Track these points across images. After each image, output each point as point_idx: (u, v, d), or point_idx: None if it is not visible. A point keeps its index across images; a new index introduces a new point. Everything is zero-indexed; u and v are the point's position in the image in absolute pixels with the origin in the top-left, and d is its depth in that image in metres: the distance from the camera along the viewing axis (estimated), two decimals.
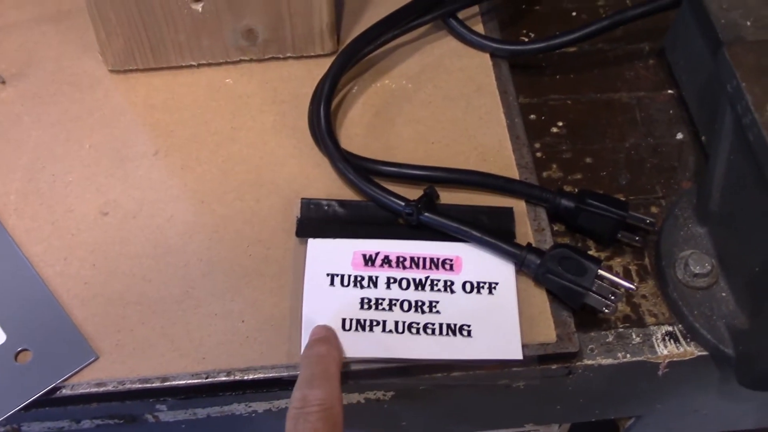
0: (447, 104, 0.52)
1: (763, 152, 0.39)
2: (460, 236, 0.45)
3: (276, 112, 0.51)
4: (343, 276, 0.44)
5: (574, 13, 0.60)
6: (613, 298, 0.42)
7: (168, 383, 0.41)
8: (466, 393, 0.46)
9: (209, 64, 0.53)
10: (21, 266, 0.44)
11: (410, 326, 0.43)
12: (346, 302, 0.43)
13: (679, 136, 0.53)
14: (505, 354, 0.42)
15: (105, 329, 0.43)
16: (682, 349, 0.44)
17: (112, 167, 0.49)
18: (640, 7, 0.54)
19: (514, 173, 0.49)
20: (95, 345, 0.42)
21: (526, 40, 0.58)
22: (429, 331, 0.43)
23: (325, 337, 0.42)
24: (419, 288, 0.44)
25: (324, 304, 0.43)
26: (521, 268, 0.44)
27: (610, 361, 0.44)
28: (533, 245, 0.45)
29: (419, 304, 0.43)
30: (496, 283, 0.44)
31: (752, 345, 0.42)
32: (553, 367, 0.44)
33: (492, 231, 0.45)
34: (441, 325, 0.43)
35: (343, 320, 0.43)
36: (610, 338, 0.45)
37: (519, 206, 0.47)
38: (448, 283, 0.44)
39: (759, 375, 0.41)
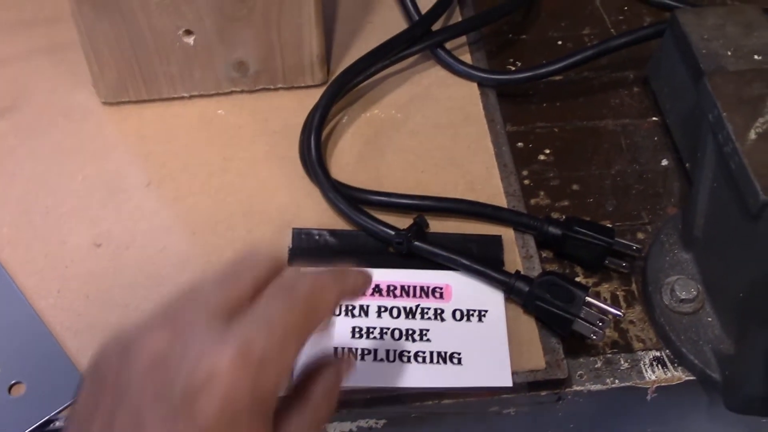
0: (435, 133, 0.53)
1: (744, 181, 0.40)
2: (450, 264, 0.45)
3: (267, 143, 0.52)
4: None
5: (560, 42, 0.61)
6: (600, 324, 0.43)
7: None
8: (458, 420, 0.46)
9: (201, 96, 0.54)
10: (15, 298, 0.45)
11: (401, 354, 0.43)
12: (337, 331, 0.44)
13: (664, 162, 0.54)
14: (495, 381, 0.42)
15: None
16: (669, 374, 0.45)
17: (105, 199, 0.49)
18: (625, 36, 0.55)
19: (502, 201, 0.49)
20: None
21: (513, 69, 0.59)
22: (420, 359, 0.43)
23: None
24: (410, 316, 0.45)
25: (316, 334, 0.44)
26: (510, 295, 0.45)
27: (599, 386, 0.44)
28: (521, 272, 0.45)
29: (410, 332, 0.44)
30: (486, 311, 0.45)
31: (738, 370, 0.42)
32: (543, 393, 0.44)
33: (481, 259, 0.45)
34: (431, 353, 0.43)
35: (335, 349, 0.43)
36: (599, 364, 0.45)
37: (507, 234, 0.48)
38: (438, 311, 0.45)
39: (746, 400, 0.42)
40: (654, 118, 0.56)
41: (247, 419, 0.28)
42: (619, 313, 0.43)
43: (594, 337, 0.43)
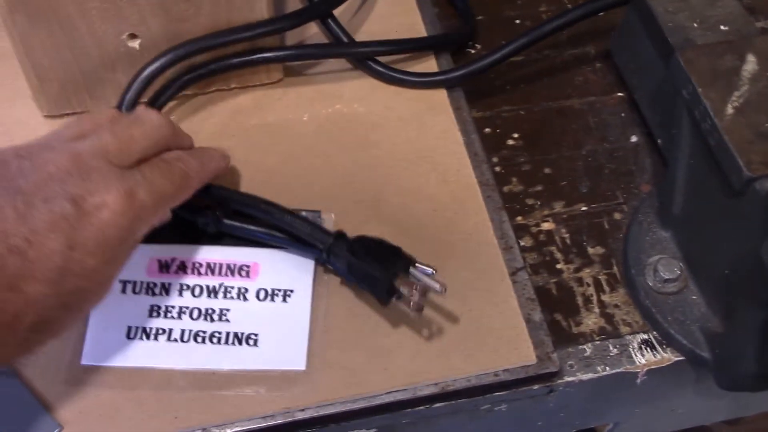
0: (401, 125, 0.51)
1: (726, 157, 0.39)
2: (262, 238, 0.44)
3: (226, 146, 0.49)
4: (135, 283, 0.43)
5: (517, 21, 0.59)
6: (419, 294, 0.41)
7: None
8: (449, 420, 0.45)
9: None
10: None
11: (196, 335, 0.42)
12: (135, 310, 0.42)
13: (634, 138, 0.53)
14: (288, 364, 0.41)
15: (66, 397, 0.40)
16: (659, 357, 0.44)
17: None
18: (589, 4, 0.53)
19: (476, 192, 0.48)
20: (58, 415, 0.40)
21: (473, 51, 0.57)
22: (215, 340, 0.42)
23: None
24: (212, 295, 0.43)
25: (113, 312, 0.42)
26: (328, 258, 0.42)
27: (590, 375, 0.44)
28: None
29: (209, 311, 0.42)
30: (292, 291, 0.43)
31: (729, 348, 0.42)
32: (535, 387, 0.43)
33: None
34: (228, 333, 0.42)
35: (129, 328, 0.42)
36: (588, 352, 0.44)
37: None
38: (242, 290, 0.43)
39: (738, 378, 0.42)
40: (619, 94, 0.55)
41: (112, 247, 0.36)
42: (438, 285, 0.40)
43: (413, 308, 0.41)
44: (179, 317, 0.42)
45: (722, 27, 0.47)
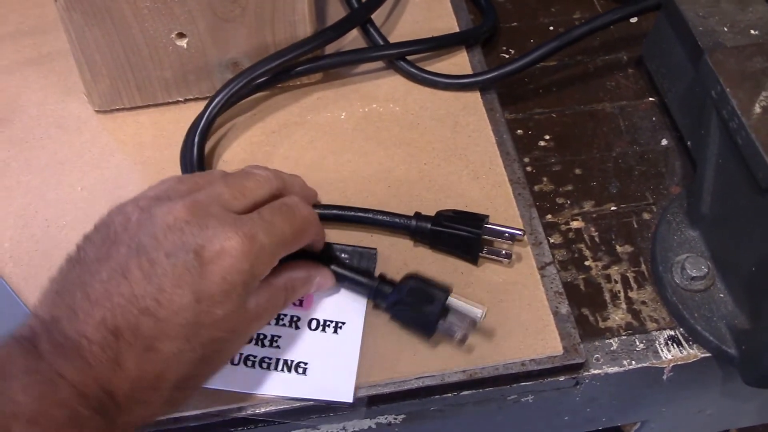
0: (435, 124, 0.52)
1: (753, 154, 0.40)
2: None
3: (266, 143, 0.52)
4: None
5: (551, 28, 0.61)
6: (463, 325, 0.42)
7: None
8: (477, 409, 0.46)
9: (196, 99, 0.53)
10: (19, 314, 0.44)
11: (246, 359, 0.42)
12: None
13: (664, 142, 0.54)
14: (335, 395, 0.41)
15: None
16: (685, 353, 0.45)
17: (106, 208, 0.48)
18: (620, 10, 0.54)
19: (507, 189, 0.49)
20: None
21: (507, 56, 0.59)
22: (264, 365, 0.42)
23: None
24: None
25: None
26: (375, 300, 0.44)
27: (616, 369, 0.44)
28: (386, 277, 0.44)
29: (260, 337, 0.43)
30: (343, 323, 0.44)
31: (755, 344, 0.42)
32: (561, 379, 0.44)
33: (349, 269, 0.44)
34: (278, 360, 0.42)
35: None
36: (614, 346, 0.45)
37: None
38: (294, 319, 0.44)
39: (764, 373, 0.42)
40: (650, 99, 0.56)
41: (237, 293, 0.36)
42: (478, 312, 0.41)
43: (457, 336, 0.41)
44: None
45: (752, 31, 0.48)
